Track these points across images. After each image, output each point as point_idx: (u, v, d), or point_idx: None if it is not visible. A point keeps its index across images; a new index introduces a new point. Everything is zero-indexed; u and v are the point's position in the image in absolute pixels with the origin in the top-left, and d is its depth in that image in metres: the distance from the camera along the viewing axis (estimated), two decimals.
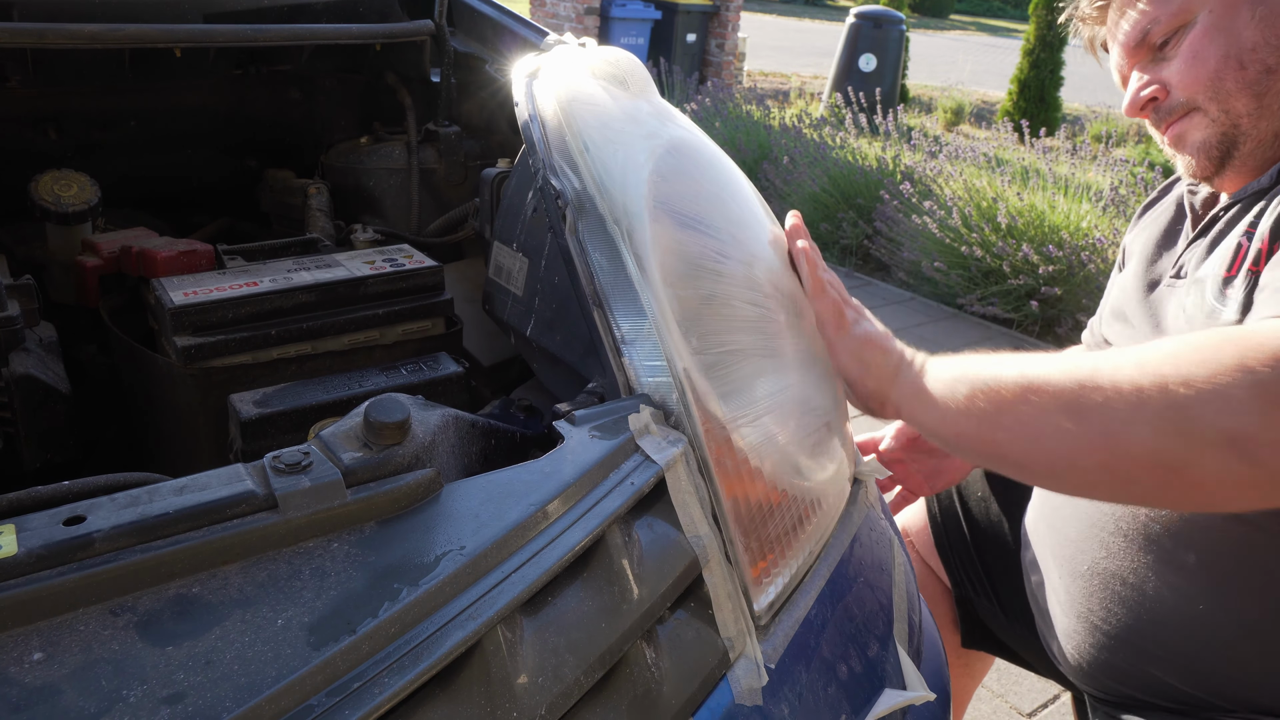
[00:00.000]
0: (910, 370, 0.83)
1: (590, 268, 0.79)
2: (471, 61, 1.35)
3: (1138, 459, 0.66)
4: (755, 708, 0.66)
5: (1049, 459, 0.72)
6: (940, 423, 0.79)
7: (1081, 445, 0.69)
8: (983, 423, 0.74)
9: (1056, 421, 0.70)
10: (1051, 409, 0.70)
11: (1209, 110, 0.92)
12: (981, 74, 11.65)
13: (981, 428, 0.75)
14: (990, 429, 0.74)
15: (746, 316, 0.84)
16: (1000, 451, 0.75)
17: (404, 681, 0.48)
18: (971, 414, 0.75)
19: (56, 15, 1.05)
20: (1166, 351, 0.67)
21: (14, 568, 0.47)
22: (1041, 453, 0.72)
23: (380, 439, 0.60)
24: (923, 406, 0.80)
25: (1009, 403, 0.72)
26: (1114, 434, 0.67)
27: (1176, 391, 0.64)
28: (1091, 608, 0.99)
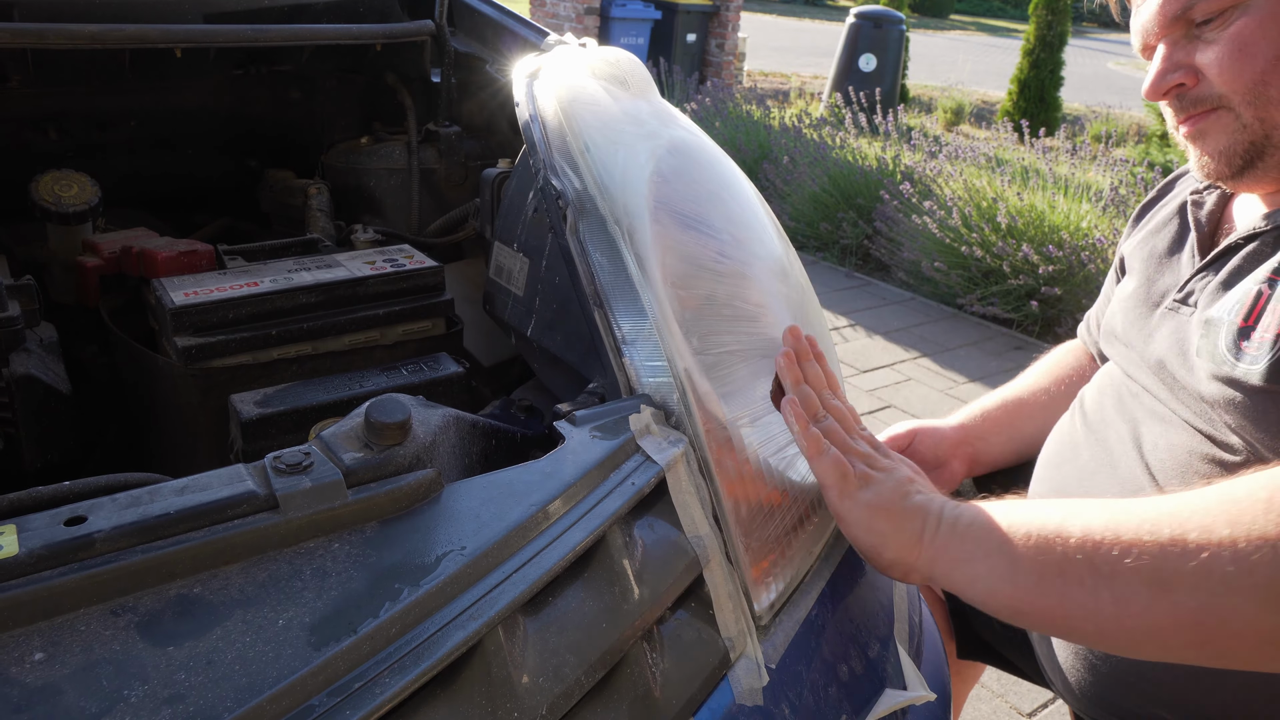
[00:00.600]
0: (939, 535, 0.72)
1: (591, 268, 0.79)
2: (472, 61, 1.35)
3: (1238, 634, 0.60)
4: (756, 708, 0.66)
5: (1130, 632, 0.64)
6: (990, 595, 0.69)
7: (1171, 618, 0.61)
8: (1048, 594, 0.65)
9: (1142, 591, 0.62)
10: (1135, 577, 0.62)
11: (1242, 114, 0.82)
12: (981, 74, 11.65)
13: (1048, 599, 0.66)
14: (1059, 601, 0.65)
15: (747, 316, 0.84)
16: (1071, 625, 0.67)
17: (405, 682, 0.48)
18: (1033, 584, 0.66)
19: (57, 15, 1.05)
20: (1263, 503, 0.59)
21: (15, 568, 0.47)
22: (1122, 626, 0.64)
23: (381, 439, 0.60)
24: (967, 580, 0.70)
25: (1079, 569, 0.64)
26: (1212, 607, 0.60)
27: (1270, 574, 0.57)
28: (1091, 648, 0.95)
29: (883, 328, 3.94)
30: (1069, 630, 0.69)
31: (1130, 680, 0.93)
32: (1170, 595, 0.61)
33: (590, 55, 1.01)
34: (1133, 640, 0.65)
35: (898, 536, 0.72)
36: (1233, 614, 0.59)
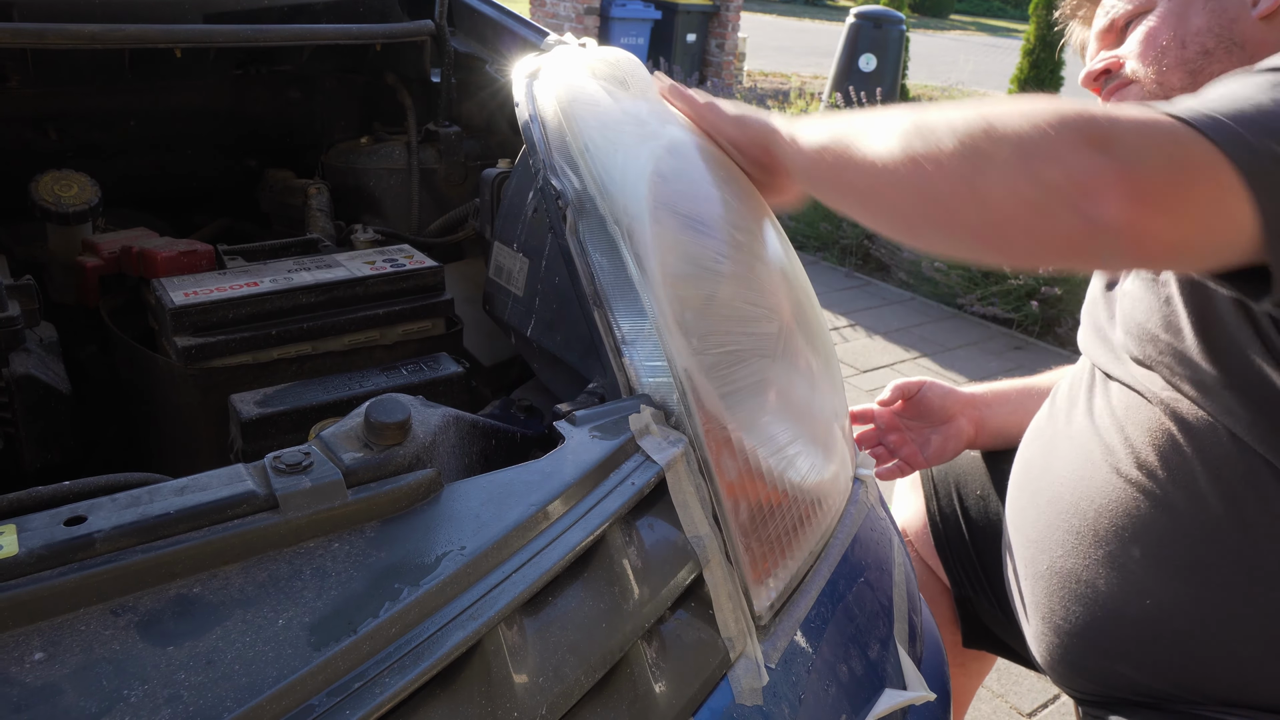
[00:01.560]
0: (784, 134, 0.87)
1: (591, 268, 0.79)
2: (471, 61, 1.35)
3: (1001, 205, 0.65)
4: (756, 708, 0.66)
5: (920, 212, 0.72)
6: (816, 173, 0.82)
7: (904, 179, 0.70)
8: (847, 172, 0.76)
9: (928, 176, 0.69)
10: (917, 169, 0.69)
11: (1146, 83, 0.98)
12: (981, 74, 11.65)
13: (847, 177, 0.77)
14: (853, 179, 0.76)
15: (747, 316, 0.84)
16: (854, 199, 0.79)
17: (404, 681, 0.48)
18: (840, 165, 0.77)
19: (56, 15, 1.05)
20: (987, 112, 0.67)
21: (14, 568, 0.47)
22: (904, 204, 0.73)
23: (381, 439, 0.60)
24: (803, 167, 0.84)
25: (879, 163, 0.72)
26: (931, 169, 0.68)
27: (989, 129, 0.65)
28: (1053, 608, 1.01)
29: (883, 328, 3.94)
30: (852, 204, 0.79)
31: (1094, 640, 0.97)
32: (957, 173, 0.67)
33: (590, 55, 1.01)
34: (930, 223, 0.72)
35: (760, 126, 0.91)
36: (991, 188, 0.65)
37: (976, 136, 0.65)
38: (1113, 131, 0.62)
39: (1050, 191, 0.62)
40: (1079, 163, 0.61)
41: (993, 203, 0.65)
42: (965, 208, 0.67)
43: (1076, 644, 0.99)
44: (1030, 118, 0.64)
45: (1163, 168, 0.62)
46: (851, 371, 3.49)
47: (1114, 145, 0.61)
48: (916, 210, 0.72)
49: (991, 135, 0.65)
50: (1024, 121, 0.64)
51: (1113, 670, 0.97)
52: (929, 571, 1.36)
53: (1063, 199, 0.62)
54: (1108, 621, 0.96)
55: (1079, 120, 0.63)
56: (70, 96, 1.27)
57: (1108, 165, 0.61)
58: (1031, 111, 0.64)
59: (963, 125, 0.66)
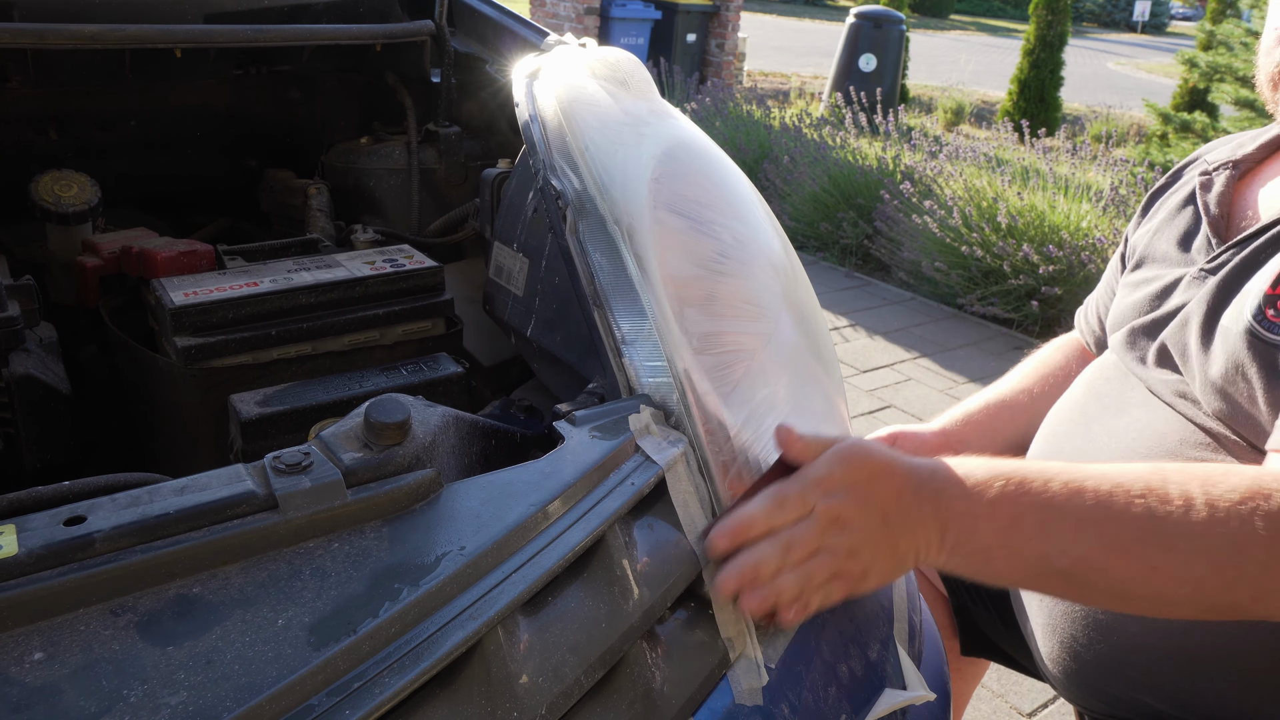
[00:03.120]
0: (943, 556, 0.72)
1: (590, 268, 0.79)
2: (471, 62, 1.35)
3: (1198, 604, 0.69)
4: (755, 708, 0.66)
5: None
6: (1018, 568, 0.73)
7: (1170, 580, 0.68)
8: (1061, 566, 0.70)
9: (1108, 598, 0.71)
10: (1102, 591, 0.70)
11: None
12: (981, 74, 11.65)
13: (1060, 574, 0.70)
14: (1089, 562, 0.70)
15: (747, 316, 0.84)
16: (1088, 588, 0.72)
17: (404, 681, 0.48)
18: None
19: (56, 15, 1.05)
20: (1205, 530, 0.66)
21: (14, 568, 0.47)
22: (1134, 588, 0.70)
23: (381, 439, 0.60)
24: (972, 575, 0.74)
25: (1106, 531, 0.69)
26: (1164, 612, 0.71)
27: (1220, 592, 0.67)
28: (1074, 635, 0.97)
29: (883, 328, 3.93)
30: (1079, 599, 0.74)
31: (1113, 666, 0.94)
32: (1168, 558, 0.67)
33: (590, 55, 1.00)
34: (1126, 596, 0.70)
35: (909, 568, 0.72)
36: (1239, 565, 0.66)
37: (1221, 547, 0.66)
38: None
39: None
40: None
41: (1222, 607, 0.69)
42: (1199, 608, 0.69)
43: (1098, 672, 0.95)
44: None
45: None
46: (852, 371, 3.49)
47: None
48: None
49: (1236, 556, 0.66)
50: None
51: (1135, 699, 0.93)
52: (925, 579, 1.35)
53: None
54: (1136, 654, 0.91)
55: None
56: (70, 96, 1.27)
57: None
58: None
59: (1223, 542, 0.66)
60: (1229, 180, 0.99)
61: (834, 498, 0.69)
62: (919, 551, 0.70)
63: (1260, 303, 0.82)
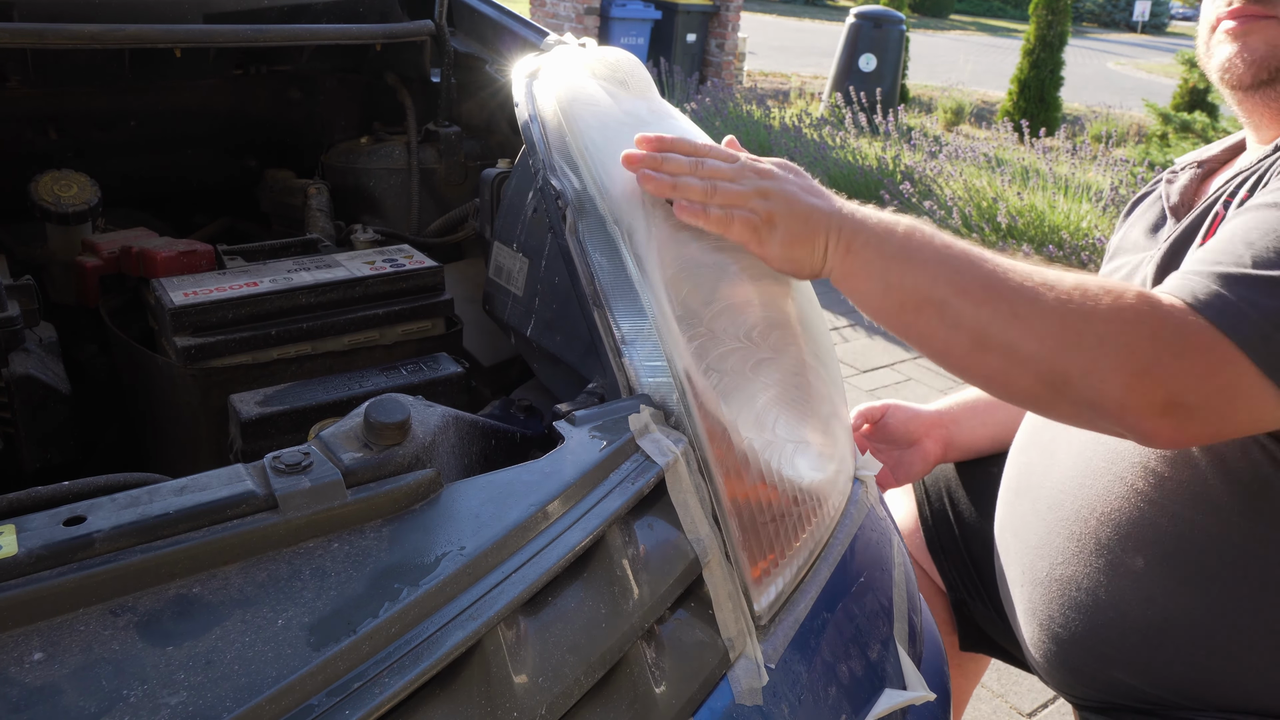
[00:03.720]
0: (837, 254, 0.81)
1: (590, 268, 0.79)
2: (471, 61, 1.35)
3: (1021, 389, 0.77)
4: (755, 708, 0.66)
5: (953, 359, 0.79)
6: (868, 307, 0.82)
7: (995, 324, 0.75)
8: (908, 313, 0.79)
9: (966, 337, 0.76)
10: (963, 325, 0.75)
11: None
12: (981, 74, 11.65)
13: (905, 318, 0.79)
14: (913, 320, 0.79)
15: (747, 316, 0.84)
16: (913, 336, 0.80)
17: (404, 681, 0.48)
18: (900, 307, 0.79)
19: (56, 15, 1.05)
20: (1068, 298, 0.72)
21: (14, 568, 0.47)
22: (946, 348, 0.78)
23: (380, 439, 0.60)
24: (852, 292, 0.82)
25: (934, 300, 0.76)
26: (1005, 372, 0.76)
27: (1064, 351, 0.72)
28: (1051, 615, 1.00)
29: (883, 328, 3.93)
30: (926, 343, 0.80)
31: (1087, 642, 0.97)
32: (988, 347, 0.74)
33: (590, 55, 1.00)
34: (956, 363, 0.78)
35: (809, 259, 0.80)
36: (1019, 376, 0.75)
37: (1074, 314, 0.71)
38: (1182, 395, 0.70)
39: (1111, 414, 0.72)
40: (1144, 419, 0.71)
41: (1059, 389, 0.74)
42: (1033, 373, 0.74)
43: (1075, 651, 0.98)
44: (1120, 345, 0.70)
45: (1214, 418, 0.72)
46: (851, 371, 3.49)
47: (1179, 411, 0.70)
48: (986, 334, 0.75)
49: (1083, 337, 0.71)
50: (1111, 346, 0.70)
51: (1112, 677, 0.96)
52: (923, 575, 1.36)
53: (1116, 422, 0.73)
54: (1108, 629, 0.95)
55: (1156, 379, 0.70)
56: (70, 96, 1.27)
57: (1167, 424, 0.71)
58: (1123, 337, 0.70)
59: (1062, 299, 0.72)
60: (1193, 177, 1.04)
61: (761, 164, 0.83)
62: (829, 245, 0.79)
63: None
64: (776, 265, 0.81)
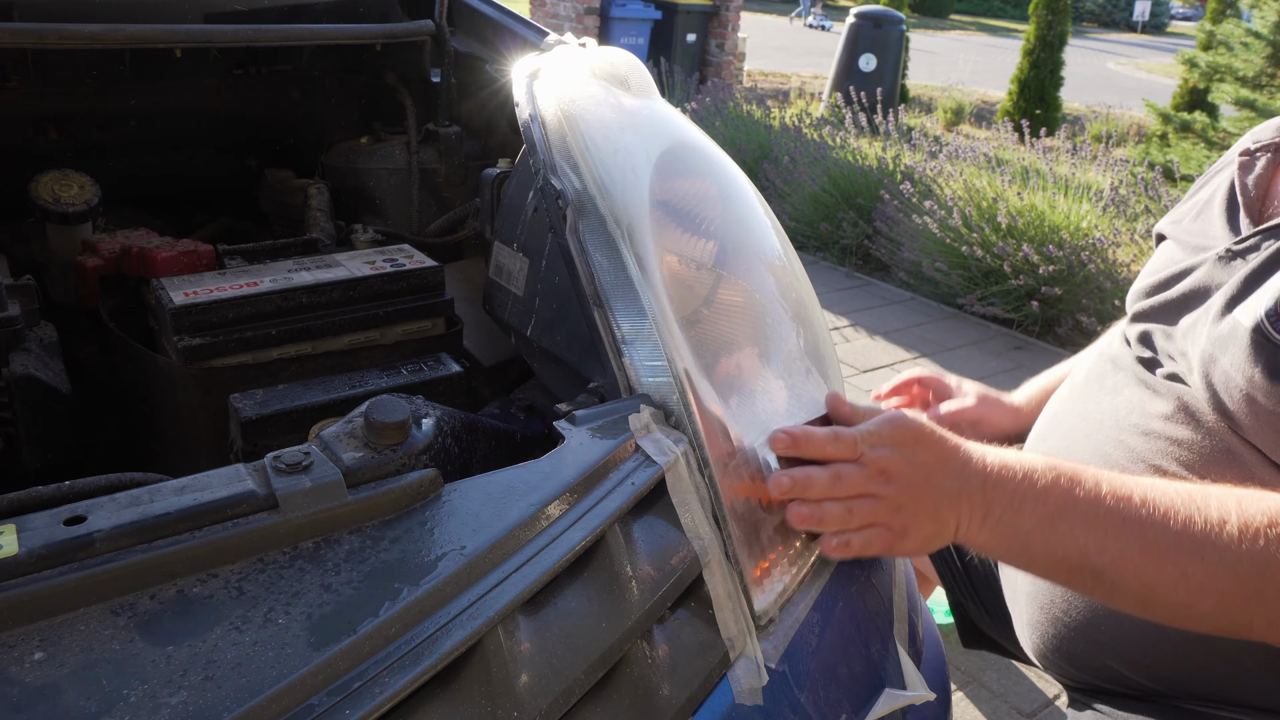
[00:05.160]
0: (974, 528, 0.75)
1: (591, 268, 0.79)
2: (472, 61, 1.35)
3: (1202, 631, 0.76)
4: (755, 708, 0.66)
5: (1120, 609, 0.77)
6: (1037, 563, 0.77)
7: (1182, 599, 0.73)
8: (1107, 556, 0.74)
9: (1132, 600, 0.74)
10: (1126, 591, 0.73)
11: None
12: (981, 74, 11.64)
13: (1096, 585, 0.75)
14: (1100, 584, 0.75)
15: (747, 316, 0.84)
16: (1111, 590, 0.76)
17: (404, 681, 0.48)
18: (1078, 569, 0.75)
19: (56, 15, 1.05)
20: (1236, 549, 0.69)
21: (14, 568, 0.47)
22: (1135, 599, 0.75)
23: (381, 439, 0.60)
24: (1003, 559, 0.79)
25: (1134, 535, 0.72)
26: (1178, 622, 0.75)
27: (1243, 607, 0.70)
28: (1053, 599, 1.01)
29: (883, 328, 3.93)
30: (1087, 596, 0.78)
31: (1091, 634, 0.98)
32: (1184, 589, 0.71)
33: (590, 55, 1.00)
34: (1143, 605, 0.75)
35: (942, 541, 0.75)
36: (1200, 619, 0.72)
37: (1247, 566, 0.70)
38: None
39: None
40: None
41: (1236, 626, 0.74)
42: (1215, 623, 0.74)
43: (1074, 637, 0.99)
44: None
45: None
46: (852, 371, 3.49)
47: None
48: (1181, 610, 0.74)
49: (1261, 578, 0.69)
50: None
51: (1104, 664, 0.97)
52: (922, 576, 1.36)
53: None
54: (1108, 619, 0.96)
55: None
56: (70, 96, 1.27)
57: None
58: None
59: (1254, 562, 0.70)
60: (1269, 164, 0.96)
61: (882, 450, 0.73)
62: (960, 522, 0.73)
63: (1275, 304, 0.81)
64: (914, 556, 0.80)
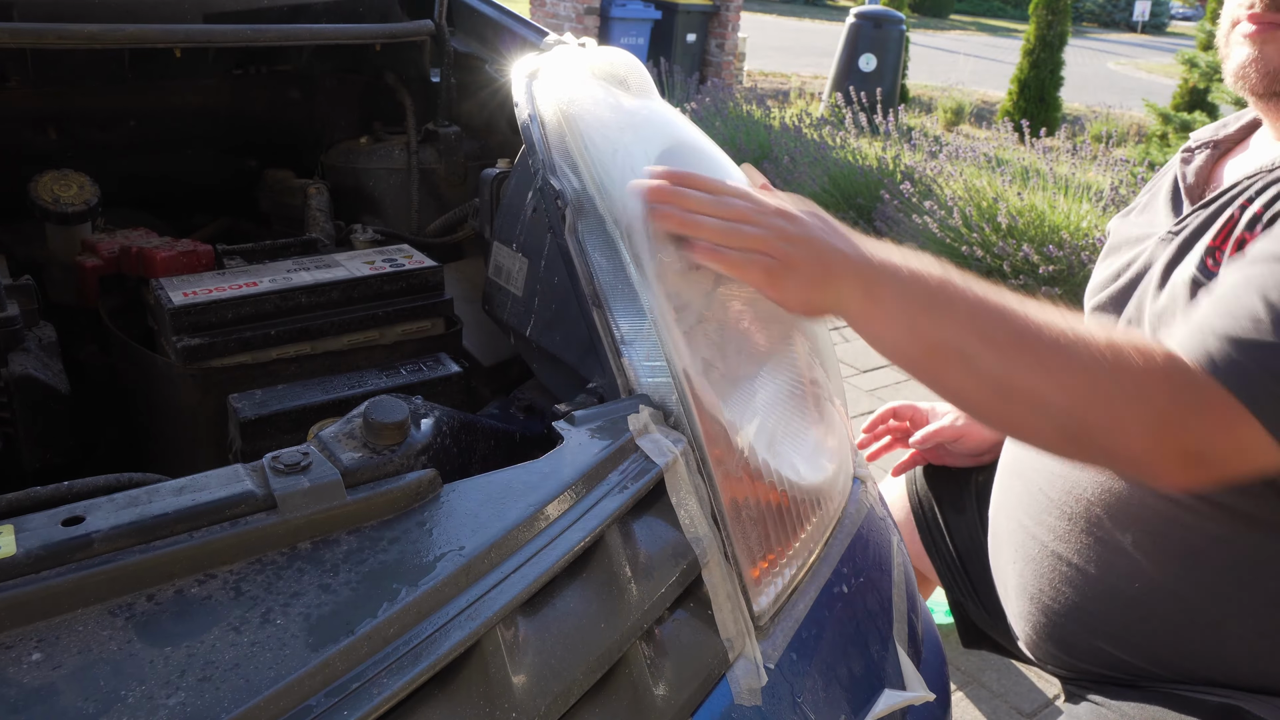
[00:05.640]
0: (856, 302, 0.77)
1: (590, 268, 0.79)
2: (471, 61, 1.35)
3: (1043, 437, 0.78)
4: (755, 708, 0.66)
5: (973, 404, 0.79)
6: (890, 351, 0.80)
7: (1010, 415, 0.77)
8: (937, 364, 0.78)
9: (990, 386, 0.75)
10: (988, 376, 0.75)
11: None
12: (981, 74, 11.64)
13: (923, 362, 0.78)
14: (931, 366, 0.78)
15: (747, 316, 0.84)
16: (929, 379, 0.79)
17: (403, 682, 0.47)
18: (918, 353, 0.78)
19: (56, 15, 1.05)
20: (1099, 355, 0.73)
21: (13, 568, 0.47)
22: (967, 399, 0.79)
23: (380, 439, 0.60)
24: (876, 340, 0.80)
25: (952, 354, 0.76)
26: (1025, 421, 0.77)
27: (1089, 405, 0.73)
28: (1042, 588, 1.03)
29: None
30: (945, 388, 0.79)
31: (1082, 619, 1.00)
32: (1010, 402, 0.75)
33: (590, 55, 1.00)
34: (978, 411, 0.79)
35: (824, 302, 0.78)
36: (1036, 431, 0.77)
37: (1103, 370, 0.72)
38: (1200, 447, 0.73)
39: (1127, 463, 0.76)
40: (1160, 465, 0.73)
41: (1081, 442, 0.76)
42: (1055, 428, 0.76)
43: (1064, 623, 1.02)
44: (1144, 402, 0.72)
45: (1226, 468, 0.74)
46: (852, 371, 3.49)
47: (1195, 460, 0.73)
48: (1017, 401, 0.75)
49: (1111, 395, 0.72)
50: (1136, 404, 0.72)
51: (1096, 646, 0.99)
52: (923, 578, 1.37)
53: (1130, 467, 0.76)
54: (1097, 603, 0.98)
55: (1178, 430, 0.72)
56: (70, 96, 1.27)
57: (1181, 470, 0.73)
58: (1148, 395, 0.72)
59: (1094, 363, 0.73)
60: (1209, 158, 1.04)
61: (785, 201, 0.80)
62: (845, 290, 0.76)
63: (1203, 254, 0.88)
64: (790, 309, 0.78)
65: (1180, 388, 0.73)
